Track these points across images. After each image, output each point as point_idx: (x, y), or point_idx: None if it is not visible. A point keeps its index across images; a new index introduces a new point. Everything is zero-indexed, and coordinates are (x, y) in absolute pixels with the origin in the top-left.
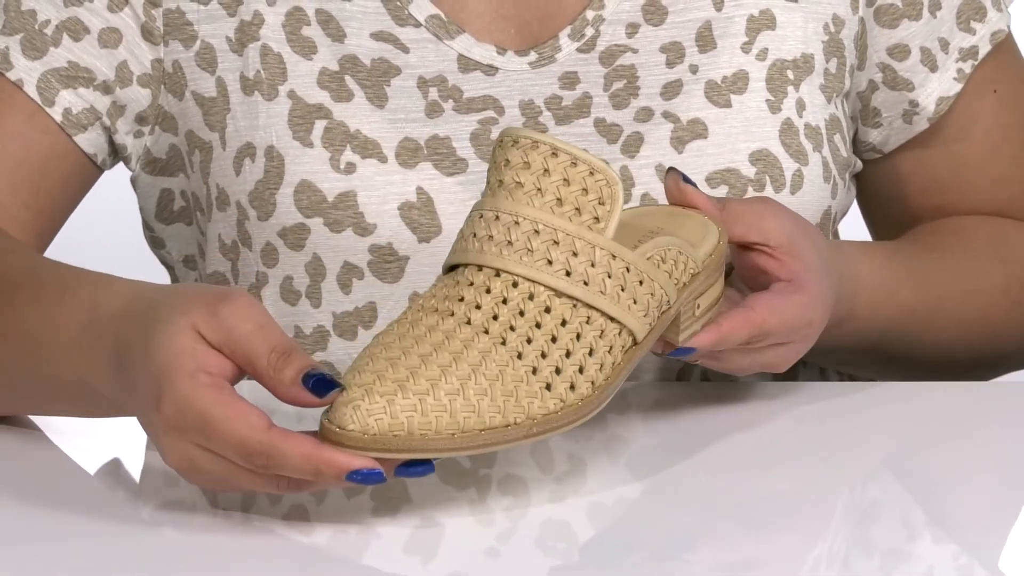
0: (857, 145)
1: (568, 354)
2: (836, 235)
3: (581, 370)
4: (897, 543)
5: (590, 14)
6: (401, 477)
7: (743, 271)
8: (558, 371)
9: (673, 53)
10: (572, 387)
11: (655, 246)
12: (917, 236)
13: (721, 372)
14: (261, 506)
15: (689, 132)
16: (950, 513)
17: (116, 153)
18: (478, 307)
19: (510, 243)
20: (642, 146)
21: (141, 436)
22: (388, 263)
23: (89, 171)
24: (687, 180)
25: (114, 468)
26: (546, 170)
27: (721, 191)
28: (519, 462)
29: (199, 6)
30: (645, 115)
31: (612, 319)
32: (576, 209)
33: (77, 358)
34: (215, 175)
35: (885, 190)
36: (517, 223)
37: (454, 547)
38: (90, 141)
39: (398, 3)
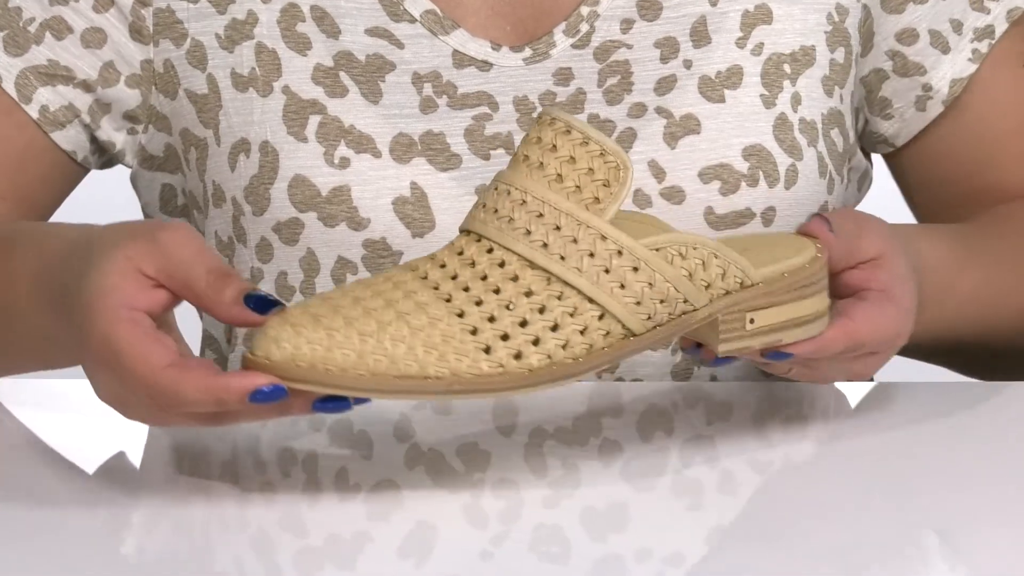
0: (869, 138)
1: (524, 324)
2: None
3: (536, 342)
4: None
5: (585, 10)
6: (318, 413)
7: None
8: (505, 337)
9: (667, 48)
10: (518, 355)
11: (670, 240)
12: (974, 221)
13: (807, 381)
14: (256, 507)
15: (682, 128)
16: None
17: (101, 151)
18: (443, 266)
19: (496, 211)
20: (635, 142)
21: (140, 433)
22: (382, 258)
23: (71, 169)
24: (831, 228)
25: (109, 467)
26: (554, 146)
27: (714, 186)
28: (513, 466)
29: (189, 4)
30: (638, 111)
31: (591, 300)
32: (577, 187)
33: (32, 309)
34: (211, 172)
35: (926, 174)
36: (508, 193)
37: (447, 550)
38: (68, 139)
39: None
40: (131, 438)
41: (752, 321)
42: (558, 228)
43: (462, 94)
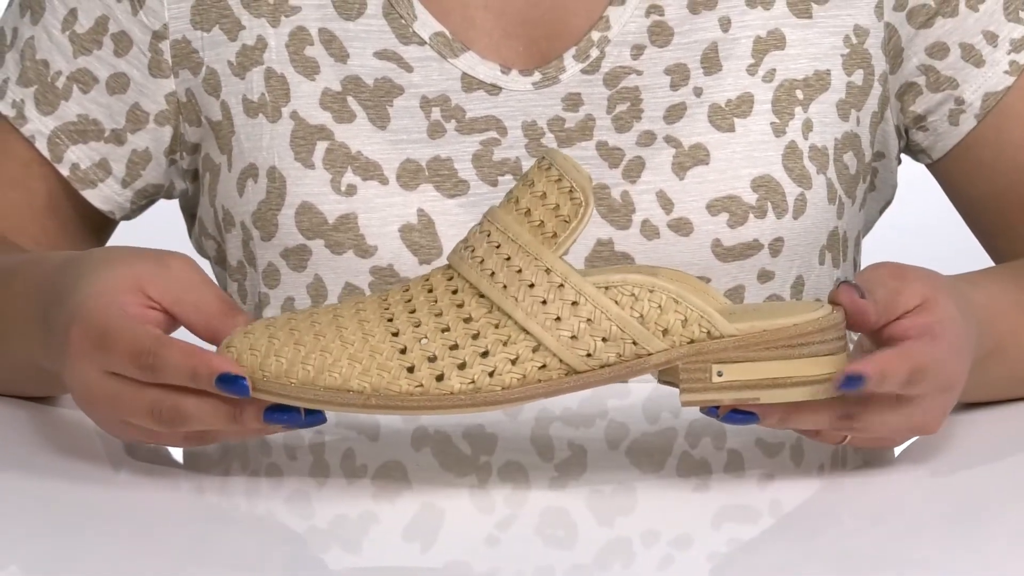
0: (910, 148)
1: (455, 347)
2: (859, 252)
3: (463, 366)
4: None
5: (596, 35)
6: (269, 423)
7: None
8: (432, 359)
9: (678, 75)
10: (440, 377)
11: (623, 281)
12: None
13: (868, 446)
14: (263, 490)
15: (691, 158)
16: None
17: (144, 196)
18: (406, 290)
19: (466, 240)
20: (643, 171)
21: None
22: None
23: (101, 215)
24: (862, 295)
25: (119, 452)
26: (532, 182)
27: (722, 218)
28: (520, 449)
29: (202, 33)
30: (647, 139)
31: (526, 331)
32: (541, 222)
33: (21, 329)
34: (220, 196)
35: (969, 187)
36: (482, 225)
37: (454, 534)
38: (101, 196)
39: (403, 21)
40: None
41: (720, 374)
42: (509, 259)
43: (470, 118)
